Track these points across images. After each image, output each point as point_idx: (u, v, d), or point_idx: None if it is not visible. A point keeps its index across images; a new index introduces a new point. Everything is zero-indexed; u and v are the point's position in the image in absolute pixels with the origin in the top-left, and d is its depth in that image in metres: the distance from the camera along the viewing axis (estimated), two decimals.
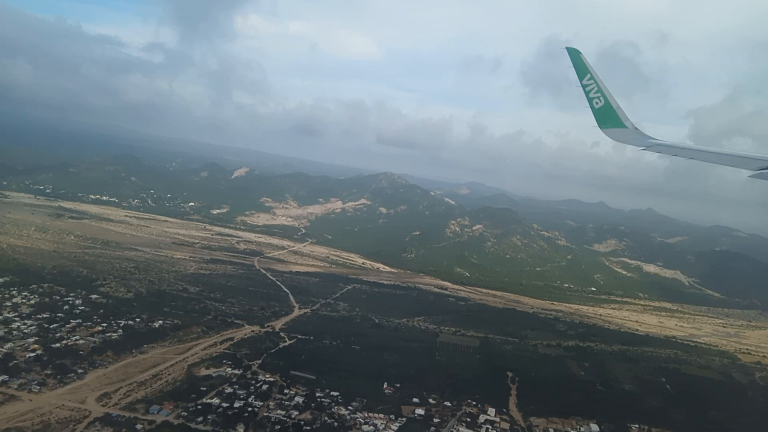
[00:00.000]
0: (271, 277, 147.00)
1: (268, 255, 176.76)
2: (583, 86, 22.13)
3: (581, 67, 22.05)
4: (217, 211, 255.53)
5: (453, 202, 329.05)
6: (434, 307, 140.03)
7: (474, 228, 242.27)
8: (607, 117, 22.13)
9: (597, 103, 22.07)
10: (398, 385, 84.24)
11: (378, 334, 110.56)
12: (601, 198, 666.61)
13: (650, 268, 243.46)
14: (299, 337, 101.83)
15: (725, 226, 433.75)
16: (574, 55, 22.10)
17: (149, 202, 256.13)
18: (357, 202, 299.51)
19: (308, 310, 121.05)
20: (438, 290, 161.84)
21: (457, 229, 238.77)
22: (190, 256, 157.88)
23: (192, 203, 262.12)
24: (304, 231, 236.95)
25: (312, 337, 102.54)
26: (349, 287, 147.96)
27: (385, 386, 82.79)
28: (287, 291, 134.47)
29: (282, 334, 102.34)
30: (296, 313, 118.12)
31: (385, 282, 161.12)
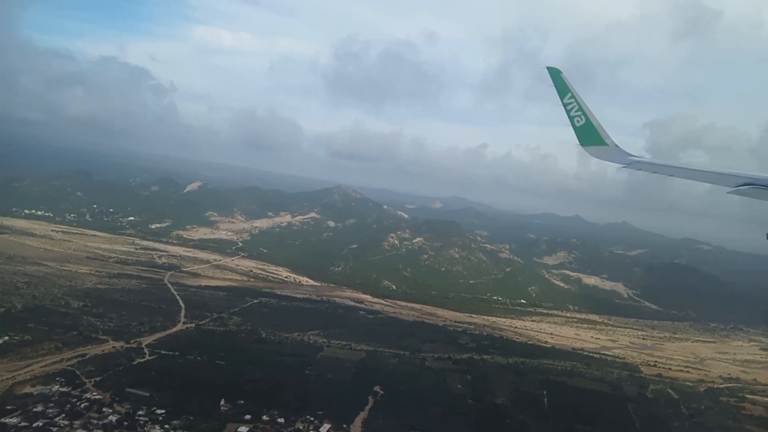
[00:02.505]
0: (174, 291, 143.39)
1: (186, 269, 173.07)
2: (564, 105, 22.21)
3: (562, 86, 22.15)
4: (157, 225, 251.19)
5: (406, 216, 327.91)
6: (337, 321, 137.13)
7: (414, 241, 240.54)
8: (589, 135, 22.20)
9: (578, 121, 22.15)
10: (241, 402, 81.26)
11: (254, 349, 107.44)
12: (579, 212, 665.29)
13: (590, 281, 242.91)
14: (162, 353, 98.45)
15: (693, 239, 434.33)
16: (555, 74, 22.18)
17: (87, 217, 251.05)
18: (306, 216, 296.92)
19: (193, 324, 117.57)
20: (353, 303, 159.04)
21: (396, 242, 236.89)
22: (97, 271, 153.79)
23: (132, 218, 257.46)
24: (240, 245, 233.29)
25: (177, 353, 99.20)
26: (256, 301, 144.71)
27: (222, 403, 79.67)
28: (183, 305, 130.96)
29: (146, 349, 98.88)
30: (177, 327, 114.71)
31: (299, 296, 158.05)
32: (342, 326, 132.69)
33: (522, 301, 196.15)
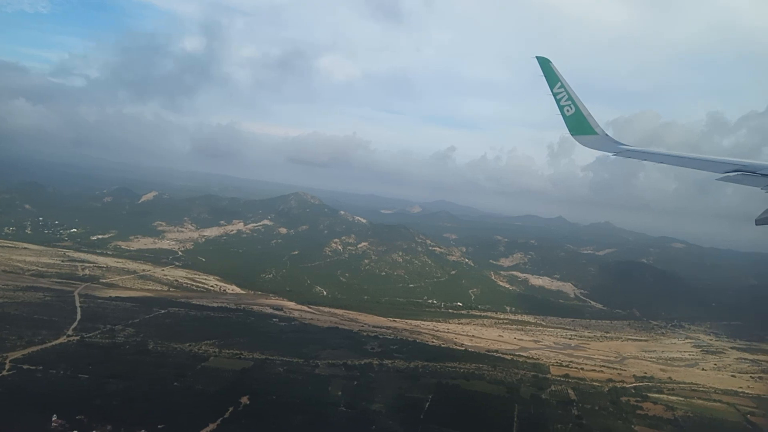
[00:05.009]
0: (78, 303, 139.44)
1: (105, 280, 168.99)
2: (554, 94, 22.20)
3: (551, 76, 22.03)
4: (99, 236, 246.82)
5: (364, 221, 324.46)
6: (243, 330, 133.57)
7: (359, 246, 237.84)
8: (579, 124, 22.25)
9: (568, 110, 22.17)
10: (80, 417, 77.73)
11: (130, 362, 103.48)
12: (563, 213, 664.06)
13: (538, 281, 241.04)
14: (24, 367, 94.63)
15: (670, 237, 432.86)
16: (544, 63, 22.12)
17: (27, 230, 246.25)
18: (258, 224, 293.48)
19: (77, 337, 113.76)
20: (271, 311, 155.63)
21: (339, 247, 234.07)
22: (4, 284, 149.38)
23: (75, 230, 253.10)
24: (180, 254, 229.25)
25: (41, 368, 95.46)
26: (163, 311, 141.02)
27: (54, 419, 76.14)
28: (79, 317, 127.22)
29: (8, 365, 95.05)
30: (59, 341, 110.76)
31: (214, 305, 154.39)
32: (245, 335, 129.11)
33: (458, 303, 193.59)
